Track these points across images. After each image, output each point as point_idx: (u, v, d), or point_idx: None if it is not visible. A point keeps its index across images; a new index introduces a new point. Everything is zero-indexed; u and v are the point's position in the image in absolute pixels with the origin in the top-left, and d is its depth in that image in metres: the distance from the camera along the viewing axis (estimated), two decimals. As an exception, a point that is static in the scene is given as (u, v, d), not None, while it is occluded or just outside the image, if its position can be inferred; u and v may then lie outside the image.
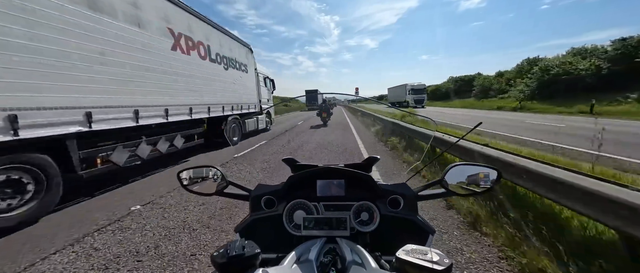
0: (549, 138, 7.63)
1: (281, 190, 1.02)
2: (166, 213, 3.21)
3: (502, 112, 22.75)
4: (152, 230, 2.80)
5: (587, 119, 13.52)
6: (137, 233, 2.74)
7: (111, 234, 2.75)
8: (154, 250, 2.44)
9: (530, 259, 1.96)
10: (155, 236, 2.68)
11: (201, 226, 2.87)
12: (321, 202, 0.98)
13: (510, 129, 10.28)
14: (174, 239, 2.61)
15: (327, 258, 0.72)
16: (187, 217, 3.10)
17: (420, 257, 0.53)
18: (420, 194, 0.98)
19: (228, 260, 0.55)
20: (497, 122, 12.73)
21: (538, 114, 18.26)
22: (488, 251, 2.26)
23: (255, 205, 1.03)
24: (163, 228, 2.85)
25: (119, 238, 2.66)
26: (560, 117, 15.56)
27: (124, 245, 2.53)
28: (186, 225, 2.89)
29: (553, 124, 11.46)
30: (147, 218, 3.11)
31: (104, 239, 2.66)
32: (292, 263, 0.67)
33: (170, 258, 2.29)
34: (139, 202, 3.63)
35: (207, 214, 3.14)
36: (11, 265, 2.26)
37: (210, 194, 1.02)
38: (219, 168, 1.03)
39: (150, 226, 2.90)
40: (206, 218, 3.03)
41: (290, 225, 0.94)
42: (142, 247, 2.48)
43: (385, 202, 0.97)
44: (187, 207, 3.39)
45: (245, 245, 0.59)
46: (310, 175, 1.03)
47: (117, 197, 3.87)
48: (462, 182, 0.89)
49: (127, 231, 2.81)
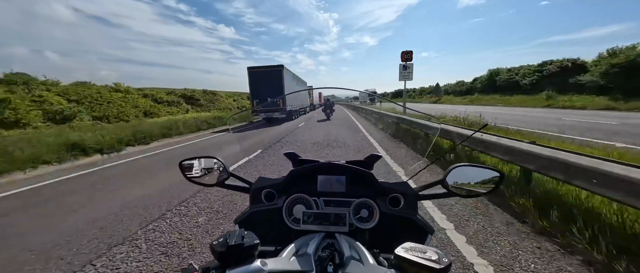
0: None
1: (282, 183, 1.02)
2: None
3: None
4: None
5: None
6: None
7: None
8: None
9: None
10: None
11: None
12: (321, 197, 0.99)
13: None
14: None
15: (325, 253, 0.72)
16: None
17: (419, 254, 0.53)
18: (421, 194, 0.98)
19: (227, 249, 0.55)
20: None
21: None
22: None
23: (255, 197, 1.03)
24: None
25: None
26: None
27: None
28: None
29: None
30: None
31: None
32: (291, 256, 0.67)
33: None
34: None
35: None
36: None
37: (211, 185, 1.02)
38: (220, 160, 1.03)
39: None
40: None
41: (289, 219, 0.95)
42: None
43: (385, 200, 0.97)
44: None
45: (244, 235, 0.59)
46: (311, 170, 1.03)
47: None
48: (464, 183, 0.88)
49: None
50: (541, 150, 2.81)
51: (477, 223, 2.74)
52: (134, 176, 5.19)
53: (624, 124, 9.68)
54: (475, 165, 0.89)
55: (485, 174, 0.87)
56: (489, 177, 0.86)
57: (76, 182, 4.97)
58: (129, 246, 2.55)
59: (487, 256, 2.19)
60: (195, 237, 2.67)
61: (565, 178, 2.49)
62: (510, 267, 2.05)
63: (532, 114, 16.20)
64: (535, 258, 2.15)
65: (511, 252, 2.24)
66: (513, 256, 2.18)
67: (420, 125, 6.96)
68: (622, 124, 9.89)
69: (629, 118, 11.82)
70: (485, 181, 0.87)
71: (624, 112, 15.26)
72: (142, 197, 3.88)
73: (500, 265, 2.07)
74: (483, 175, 0.87)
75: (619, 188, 2.01)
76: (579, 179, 2.35)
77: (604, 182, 2.11)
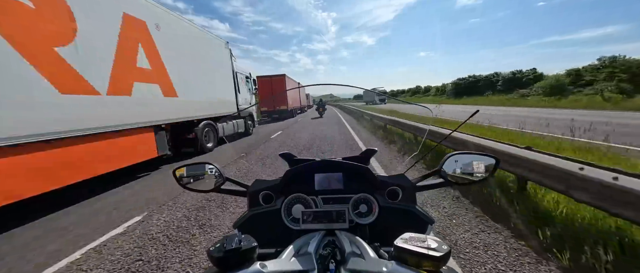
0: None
1: (279, 185, 1.01)
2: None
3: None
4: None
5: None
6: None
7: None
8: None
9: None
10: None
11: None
12: (319, 195, 0.98)
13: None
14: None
15: (326, 251, 0.71)
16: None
17: (418, 244, 0.53)
18: (419, 185, 0.98)
19: (224, 254, 0.54)
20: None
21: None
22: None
23: (253, 200, 1.02)
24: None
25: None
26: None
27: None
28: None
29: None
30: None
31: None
32: (291, 256, 0.66)
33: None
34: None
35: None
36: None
37: (207, 191, 1.01)
38: (215, 165, 1.02)
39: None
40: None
41: (288, 219, 0.94)
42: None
43: (383, 194, 0.97)
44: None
45: (242, 239, 0.58)
46: (307, 169, 1.02)
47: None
48: (461, 171, 0.89)
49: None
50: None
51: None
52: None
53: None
54: (471, 152, 0.90)
55: (480, 161, 0.88)
56: (484, 164, 0.87)
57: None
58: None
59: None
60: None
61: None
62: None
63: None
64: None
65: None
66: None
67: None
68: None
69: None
70: (481, 168, 0.87)
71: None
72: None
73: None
74: (478, 162, 0.88)
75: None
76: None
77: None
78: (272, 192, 1.01)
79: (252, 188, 1.03)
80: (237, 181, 1.06)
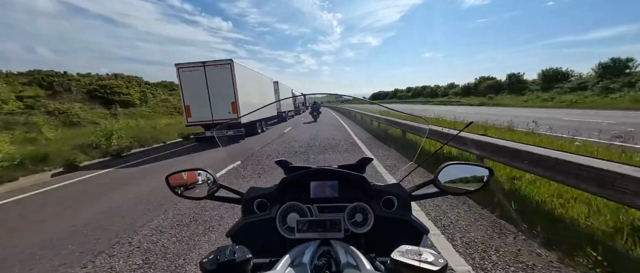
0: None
1: (274, 192, 1.00)
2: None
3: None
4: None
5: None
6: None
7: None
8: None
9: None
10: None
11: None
12: (315, 204, 0.97)
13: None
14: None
15: (322, 261, 0.70)
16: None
17: (415, 257, 0.53)
18: (414, 194, 0.98)
19: (218, 267, 0.53)
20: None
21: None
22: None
23: (247, 208, 1.00)
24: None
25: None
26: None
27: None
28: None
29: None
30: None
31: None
32: (286, 267, 0.65)
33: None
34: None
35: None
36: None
37: (200, 198, 0.99)
38: (209, 172, 1.00)
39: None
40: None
41: (283, 228, 0.93)
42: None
43: (379, 203, 0.96)
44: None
45: (235, 251, 0.57)
46: (303, 177, 1.02)
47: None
48: (456, 181, 0.89)
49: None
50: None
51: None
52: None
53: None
54: (465, 163, 0.91)
55: (474, 171, 0.88)
56: (479, 175, 0.88)
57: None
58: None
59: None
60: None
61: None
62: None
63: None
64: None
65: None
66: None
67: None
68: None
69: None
70: (476, 178, 0.88)
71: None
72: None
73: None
74: (473, 173, 0.89)
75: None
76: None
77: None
78: (267, 200, 0.99)
79: (246, 196, 1.02)
80: (231, 188, 1.04)
